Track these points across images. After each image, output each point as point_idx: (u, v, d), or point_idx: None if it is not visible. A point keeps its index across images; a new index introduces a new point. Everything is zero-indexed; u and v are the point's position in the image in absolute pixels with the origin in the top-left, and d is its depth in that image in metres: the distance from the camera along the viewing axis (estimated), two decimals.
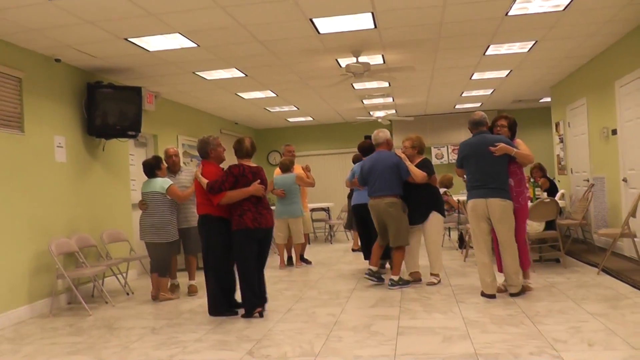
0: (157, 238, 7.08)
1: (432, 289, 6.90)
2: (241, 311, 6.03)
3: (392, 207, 7.04)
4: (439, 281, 7.22)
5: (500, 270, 6.28)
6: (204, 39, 7.03)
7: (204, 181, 5.97)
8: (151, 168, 7.20)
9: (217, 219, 6.04)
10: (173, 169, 7.59)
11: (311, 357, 4.45)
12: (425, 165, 7.20)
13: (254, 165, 6.16)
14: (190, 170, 7.67)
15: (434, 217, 7.18)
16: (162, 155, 7.78)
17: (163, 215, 7.08)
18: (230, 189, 5.89)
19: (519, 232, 6.16)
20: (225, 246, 6.03)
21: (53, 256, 6.62)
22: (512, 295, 6.12)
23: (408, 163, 7.12)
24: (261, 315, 5.92)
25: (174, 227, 7.18)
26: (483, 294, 6.23)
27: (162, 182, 7.10)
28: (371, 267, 7.35)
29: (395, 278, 7.12)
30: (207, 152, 6.33)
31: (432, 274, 7.24)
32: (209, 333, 5.40)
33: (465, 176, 6.41)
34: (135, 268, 8.98)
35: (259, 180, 5.98)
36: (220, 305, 6.11)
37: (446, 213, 10.49)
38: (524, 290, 6.21)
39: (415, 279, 7.31)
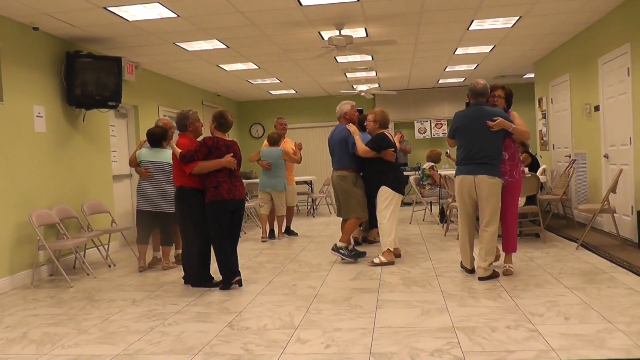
0: (160, 207, 7.16)
1: (412, 262, 6.95)
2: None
3: (343, 181, 7.10)
4: (382, 262, 6.84)
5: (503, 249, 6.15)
6: (184, 9, 6.93)
7: (178, 151, 6.00)
8: (159, 137, 7.27)
9: (192, 190, 6.07)
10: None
11: (291, 330, 4.48)
12: (373, 140, 6.99)
13: (229, 139, 6.20)
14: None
15: (381, 192, 6.90)
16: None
17: (169, 186, 7.12)
18: (203, 159, 5.92)
19: (511, 210, 5.93)
20: (202, 217, 6.06)
21: (34, 227, 6.58)
22: (480, 279, 5.80)
23: (356, 137, 7.03)
24: (240, 284, 5.99)
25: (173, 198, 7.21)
26: (462, 266, 6.24)
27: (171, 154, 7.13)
28: (354, 239, 7.38)
29: (339, 244, 7.16)
30: (185, 125, 6.40)
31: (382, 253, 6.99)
32: (189, 305, 5.41)
33: (449, 151, 6.28)
34: (117, 240, 8.93)
35: (231, 153, 6.02)
36: (202, 276, 6.17)
37: (429, 187, 10.60)
38: (495, 275, 5.88)
39: (396, 254, 7.14)
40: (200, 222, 6.07)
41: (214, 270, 6.17)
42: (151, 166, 7.18)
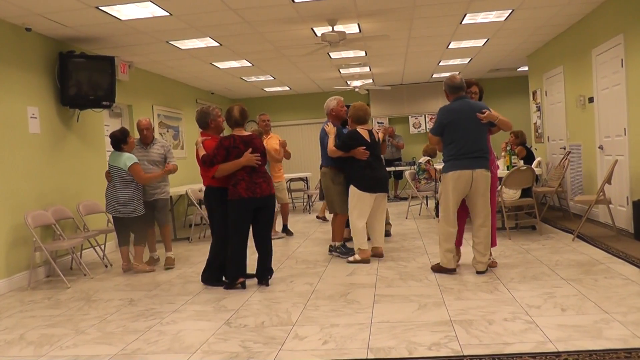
0: (120, 212, 7.00)
1: (409, 256, 6.96)
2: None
3: (323, 177, 7.24)
4: (356, 260, 6.79)
5: (459, 244, 6.12)
6: (176, 8, 6.91)
7: (201, 154, 5.89)
8: (117, 141, 7.03)
9: (218, 190, 5.94)
10: (144, 142, 7.41)
11: (288, 327, 4.48)
12: (341, 139, 6.81)
13: (247, 134, 5.95)
14: (162, 144, 7.50)
15: (349, 191, 6.79)
16: (134, 126, 7.66)
17: (125, 191, 6.95)
18: (223, 161, 5.77)
19: (491, 204, 5.91)
20: (224, 217, 5.94)
21: (30, 229, 6.57)
22: (479, 273, 5.79)
23: (330, 137, 6.87)
24: (243, 287, 5.86)
25: (136, 202, 7.02)
26: (442, 269, 5.95)
27: (126, 159, 6.94)
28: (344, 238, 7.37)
29: (334, 244, 7.25)
30: (207, 123, 6.25)
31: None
32: (186, 304, 5.41)
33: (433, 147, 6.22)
34: (113, 239, 8.90)
35: (250, 150, 5.80)
36: (211, 275, 6.13)
37: (425, 182, 10.63)
38: (494, 264, 6.01)
39: (375, 254, 6.97)
40: (223, 223, 5.94)
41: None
42: (111, 171, 7.05)
